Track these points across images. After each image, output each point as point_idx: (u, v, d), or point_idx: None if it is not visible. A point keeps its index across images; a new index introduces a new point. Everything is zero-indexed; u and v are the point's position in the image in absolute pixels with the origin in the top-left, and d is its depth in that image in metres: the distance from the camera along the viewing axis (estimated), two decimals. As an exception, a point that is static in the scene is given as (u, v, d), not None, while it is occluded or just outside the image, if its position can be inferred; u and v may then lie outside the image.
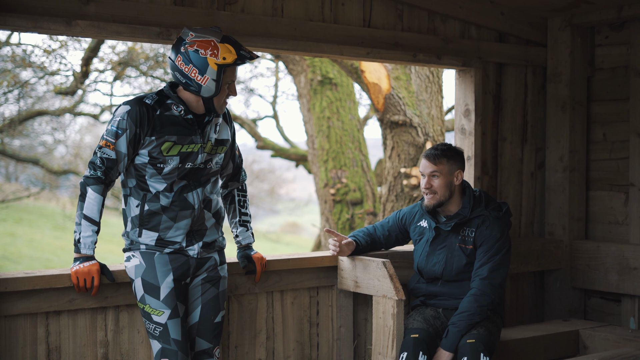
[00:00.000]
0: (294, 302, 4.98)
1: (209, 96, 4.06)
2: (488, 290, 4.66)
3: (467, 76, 5.80)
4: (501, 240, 4.76)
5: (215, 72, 4.01)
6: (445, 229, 4.81)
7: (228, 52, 4.01)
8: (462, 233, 4.81)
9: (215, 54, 4.00)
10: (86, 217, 4.00)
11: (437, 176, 4.76)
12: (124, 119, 4.00)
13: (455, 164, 4.81)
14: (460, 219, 4.79)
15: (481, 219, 4.79)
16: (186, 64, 4.01)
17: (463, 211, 4.80)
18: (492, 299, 4.67)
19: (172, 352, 4.01)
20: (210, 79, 4.01)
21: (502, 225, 4.80)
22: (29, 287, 4.04)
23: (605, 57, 6.06)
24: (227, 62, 4.01)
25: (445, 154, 4.79)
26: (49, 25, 4.15)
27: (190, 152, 4.09)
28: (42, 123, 18.60)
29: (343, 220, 9.18)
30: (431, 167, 4.76)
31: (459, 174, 4.81)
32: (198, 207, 4.13)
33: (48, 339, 4.16)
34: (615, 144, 6.00)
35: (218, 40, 4.03)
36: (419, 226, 4.97)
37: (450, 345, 4.62)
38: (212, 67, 3.99)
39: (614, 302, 5.97)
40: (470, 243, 4.78)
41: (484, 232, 4.76)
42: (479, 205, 4.82)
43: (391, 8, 5.39)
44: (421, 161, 4.84)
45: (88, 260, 4.03)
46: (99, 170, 4.02)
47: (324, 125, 9.38)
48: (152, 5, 4.45)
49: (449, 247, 4.82)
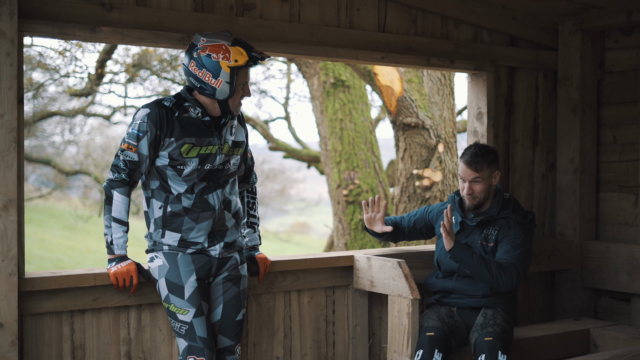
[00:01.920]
0: (310, 301, 5.07)
1: (223, 98, 4.16)
2: (514, 272, 4.68)
3: (480, 80, 5.86)
4: (524, 238, 4.82)
5: (228, 75, 4.10)
6: (471, 224, 4.90)
7: (239, 54, 4.11)
8: (485, 231, 4.89)
9: (227, 57, 4.09)
10: (115, 219, 4.11)
11: (478, 182, 4.84)
12: (144, 122, 4.10)
13: (494, 166, 4.88)
14: (487, 217, 4.87)
15: (505, 221, 4.87)
16: (199, 68, 4.11)
17: (491, 210, 4.89)
18: (510, 283, 4.68)
19: (199, 349, 4.11)
20: (224, 81, 4.11)
21: (524, 229, 4.87)
22: (55, 286, 4.14)
23: (615, 60, 6.10)
24: (240, 64, 4.10)
25: (486, 158, 4.84)
26: (74, 31, 4.24)
27: (208, 154, 4.18)
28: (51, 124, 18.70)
29: (356, 220, 9.22)
30: (473, 174, 4.83)
31: (497, 175, 4.91)
32: (219, 208, 4.23)
33: (73, 337, 4.26)
34: (625, 146, 6.05)
35: (229, 43, 4.12)
36: None
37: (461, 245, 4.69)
38: (225, 70, 4.09)
39: (624, 301, 6.01)
40: (492, 241, 4.86)
41: (507, 231, 4.84)
42: (507, 208, 4.91)
43: (405, 13, 5.46)
44: (461, 166, 4.88)
45: (123, 260, 4.15)
46: (123, 172, 4.12)
47: (336, 127, 9.41)
48: (173, 12, 4.53)
49: (470, 242, 4.90)
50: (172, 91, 14.65)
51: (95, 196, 23.43)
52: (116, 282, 4.14)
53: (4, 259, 3.90)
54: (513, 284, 4.70)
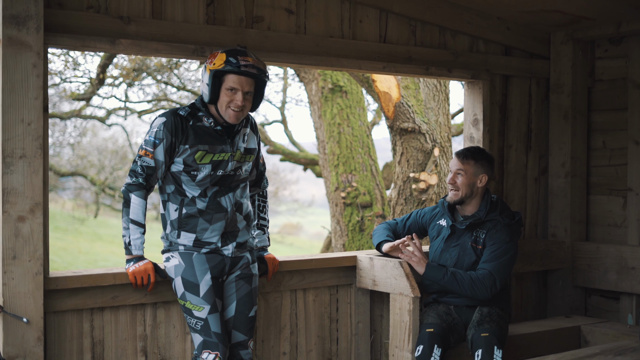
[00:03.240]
0: (315, 299, 5.27)
1: (207, 101, 4.33)
2: (489, 284, 4.91)
3: (476, 88, 6.00)
4: (509, 243, 5.01)
5: (209, 77, 4.29)
6: (460, 227, 5.07)
7: (220, 59, 4.28)
8: (474, 234, 5.06)
9: (212, 61, 4.30)
10: (133, 221, 4.31)
11: (461, 174, 5.02)
12: (161, 130, 4.30)
13: (482, 168, 5.06)
14: (475, 220, 5.05)
15: (493, 223, 5.05)
16: (202, 77, 4.36)
17: (479, 213, 5.06)
18: (486, 293, 4.92)
19: (214, 344, 4.31)
20: (205, 83, 4.32)
21: (511, 231, 5.06)
22: (77, 285, 4.33)
23: (604, 69, 6.23)
24: (216, 68, 4.27)
25: (474, 156, 5.06)
26: (95, 44, 4.42)
27: (221, 160, 4.38)
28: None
29: (353, 222, 9.34)
30: (458, 165, 5.04)
31: (483, 178, 5.06)
32: (231, 210, 4.43)
33: (92, 333, 4.45)
34: (614, 151, 6.17)
35: (223, 50, 4.32)
36: (438, 224, 5.22)
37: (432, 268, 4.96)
38: (207, 72, 4.30)
39: (613, 299, 6.14)
40: (481, 243, 5.04)
41: (494, 235, 5.02)
42: (494, 210, 5.07)
43: (405, 24, 5.60)
44: (452, 158, 5.12)
45: (141, 260, 4.35)
46: (140, 177, 4.32)
47: (334, 131, 9.53)
48: (187, 24, 4.71)
49: (462, 245, 5.08)
50: (172, 95, 14.81)
51: (88, 198, 23.50)
52: (134, 281, 4.35)
53: (30, 259, 4.10)
54: (488, 295, 4.93)
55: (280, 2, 5.08)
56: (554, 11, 5.74)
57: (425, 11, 5.63)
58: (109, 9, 4.50)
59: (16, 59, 4.05)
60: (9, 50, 4.03)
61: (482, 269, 4.97)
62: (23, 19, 4.05)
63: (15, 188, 4.07)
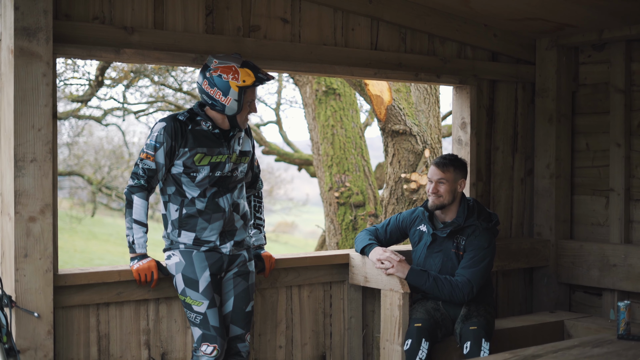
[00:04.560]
0: (310, 295, 5.47)
1: (232, 114, 4.60)
2: (467, 291, 5.11)
3: (464, 92, 6.16)
4: (487, 249, 5.19)
5: (236, 93, 4.53)
6: (442, 235, 5.24)
7: (247, 75, 4.53)
8: (456, 240, 5.23)
9: (236, 78, 4.52)
10: (136, 221, 4.53)
11: (443, 183, 5.18)
12: (161, 134, 4.51)
13: (460, 174, 5.24)
14: (455, 227, 5.22)
15: (472, 229, 5.21)
16: (211, 87, 4.54)
17: (458, 220, 5.22)
18: (463, 298, 5.13)
19: (212, 336, 4.54)
20: (232, 99, 4.53)
21: (489, 235, 5.23)
22: (84, 281, 4.55)
23: (588, 74, 6.39)
24: (247, 85, 4.54)
25: (453, 163, 5.22)
26: (101, 53, 4.64)
27: (218, 162, 4.61)
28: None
29: (347, 221, 9.49)
30: (439, 175, 5.20)
31: (462, 182, 5.24)
32: (228, 210, 4.65)
33: (99, 327, 4.66)
34: (597, 153, 6.32)
35: (238, 65, 4.54)
36: (419, 230, 5.39)
37: (412, 272, 5.13)
38: (234, 89, 4.52)
39: (596, 295, 6.31)
40: (462, 249, 5.22)
41: (473, 241, 5.19)
42: (472, 215, 5.24)
43: (395, 32, 5.76)
44: (430, 168, 5.27)
45: (144, 258, 4.57)
46: (142, 179, 4.53)
47: (328, 132, 9.67)
48: (187, 34, 4.91)
49: (444, 252, 5.25)
50: (169, 97, 14.97)
51: (84, 197, 23.61)
52: (138, 278, 4.57)
53: (41, 257, 4.33)
54: (465, 299, 5.14)
55: (275, 12, 5.27)
56: (538, 19, 5.92)
57: (414, 19, 5.81)
58: (113, 19, 4.70)
59: (27, 68, 4.27)
60: (20, 60, 4.25)
61: (460, 275, 5.15)
62: (33, 31, 4.27)
63: (26, 190, 4.29)
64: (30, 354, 4.32)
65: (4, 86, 4.36)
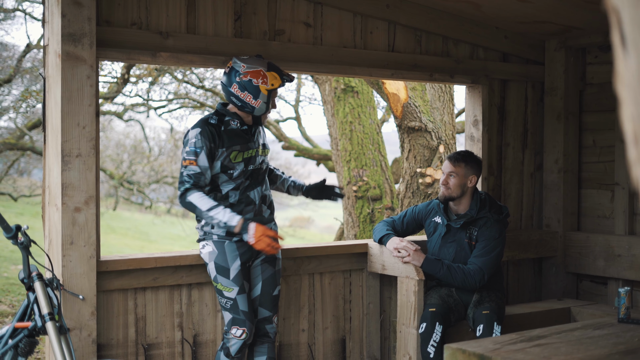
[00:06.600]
0: (330, 282, 5.76)
1: (260, 115, 4.95)
2: (478, 278, 5.39)
3: (476, 91, 6.39)
4: (497, 239, 5.46)
5: (266, 96, 4.87)
6: (455, 226, 5.51)
7: (274, 78, 4.86)
8: (469, 231, 5.50)
9: (265, 82, 4.84)
10: (209, 209, 4.68)
11: (453, 176, 5.45)
12: (199, 139, 4.76)
13: (472, 170, 5.48)
14: (468, 219, 5.48)
15: (484, 220, 5.47)
16: (242, 91, 4.84)
17: (470, 212, 5.48)
18: (475, 285, 5.40)
19: (241, 320, 4.85)
20: (262, 102, 4.86)
21: (500, 226, 5.49)
22: (124, 267, 4.89)
23: (594, 74, 6.61)
24: (275, 87, 4.88)
25: (465, 159, 5.47)
26: (139, 56, 4.97)
27: (250, 156, 4.92)
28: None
29: (364, 214, 9.67)
30: (450, 168, 5.47)
31: (472, 178, 5.48)
32: (259, 202, 4.96)
33: (136, 310, 5.00)
34: (603, 149, 6.52)
35: (265, 69, 4.86)
36: (434, 221, 5.65)
37: (427, 260, 5.39)
38: (264, 92, 4.85)
39: (602, 284, 6.53)
40: (474, 240, 5.49)
41: (485, 232, 5.45)
42: (484, 207, 5.49)
43: (411, 35, 6.02)
44: (445, 161, 5.53)
45: (246, 227, 4.72)
46: (188, 183, 4.72)
47: (346, 129, 9.84)
48: (217, 38, 5.22)
49: (458, 242, 5.52)
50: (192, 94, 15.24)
51: (104, 191, 23.86)
52: (266, 245, 4.71)
53: (85, 244, 4.69)
54: (476, 285, 5.41)
55: (299, 17, 5.56)
56: (547, 22, 6.15)
57: (429, 22, 6.06)
58: (149, 25, 5.03)
59: (73, 71, 4.61)
60: (66, 64, 4.60)
61: (472, 264, 5.42)
62: (79, 37, 4.62)
63: (72, 183, 4.64)
64: (76, 333, 4.67)
65: (52, 87, 4.71)
